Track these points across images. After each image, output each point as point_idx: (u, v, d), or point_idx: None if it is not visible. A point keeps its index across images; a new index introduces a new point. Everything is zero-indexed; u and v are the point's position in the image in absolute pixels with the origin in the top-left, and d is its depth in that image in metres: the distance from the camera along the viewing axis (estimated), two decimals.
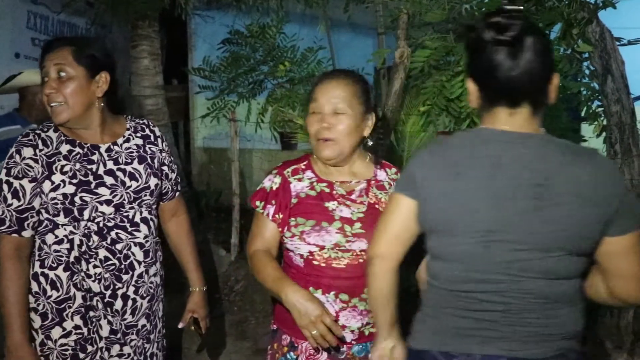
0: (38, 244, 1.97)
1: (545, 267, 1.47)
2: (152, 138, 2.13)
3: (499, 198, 1.46)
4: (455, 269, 1.53)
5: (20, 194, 1.91)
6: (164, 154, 2.14)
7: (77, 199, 1.91)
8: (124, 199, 1.99)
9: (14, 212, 1.91)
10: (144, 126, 2.14)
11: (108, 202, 1.96)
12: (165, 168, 2.15)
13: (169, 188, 2.20)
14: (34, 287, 1.98)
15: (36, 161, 1.91)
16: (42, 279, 1.97)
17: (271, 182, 1.99)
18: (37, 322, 1.98)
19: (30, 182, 1.90)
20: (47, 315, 1.97)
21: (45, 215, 1.94)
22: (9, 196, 1.90)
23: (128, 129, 2.09)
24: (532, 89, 1.48)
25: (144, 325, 2.09)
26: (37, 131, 1.98)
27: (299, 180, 1.97)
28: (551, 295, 1.49)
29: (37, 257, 1.98)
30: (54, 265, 1.96)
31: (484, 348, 1.51)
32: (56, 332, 1.97)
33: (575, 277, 1.53)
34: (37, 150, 1.92)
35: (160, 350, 2.20)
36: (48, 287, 1.96)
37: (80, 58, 1.92)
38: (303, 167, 2.00)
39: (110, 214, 1.96)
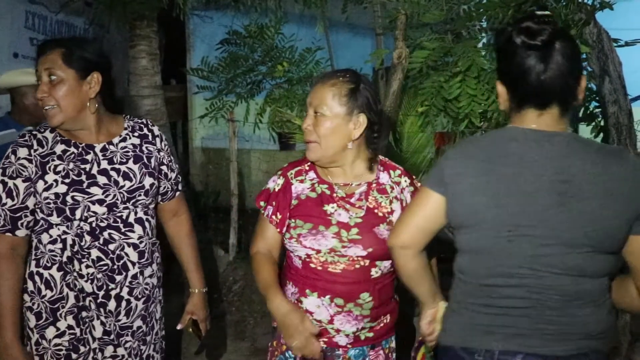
0: (35, 243, 1.98)
1: (569, 263, 1.50)
2: (150, 137, 2.11)
3: (524, 193, 1.50)
4: (481, 263, 1.58)
5: (14, 194, 1.92)
6: (162, 154, 2.13)
7: (68, 198, 1.91)
8: (117, 199, 1.97)
9: (8, 212, 1.92)
10: (142, 125, 2.12)
11: (100, 202, 1.95)
12: (164, 168, 2.14)
13: (168, 188, 2.18)
14: (30, 286, 1.98)
15: (30, 161, 1.92)
16: (37, 278, 1.97)
17: (275, 183, 2.00)
18: (32, 321, 1.99)
19: (24, 181, 1.92)
20: (42, 315, 1.98)
21: (41, 215, 1.95)
22: (3, 195, 1.92)
23: (126, 129, 2.08)
24: (562, 91, 1.52)
25: (139, 327, 2.08)
26: (34, 132, 1.99)
27: (301, 181, 1.97)
28: (574, 293, 1.51)
29: (33, 257, 1.99)
30: (49, 264, 1.97)
31: (503, 344, 1.54)
32: (50, 332, 1.98)
33: (601, 277, 1.55)
34: (32, 151, 1.93)
35: (158, 352, 2.19)
36: (42, 287, 1.97)
37: (69, 60, 1.91)
38: (307, 168, 2.00)
39: (104, 214, 1.95)
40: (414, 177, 2.04)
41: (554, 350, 1.52)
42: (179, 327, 2.25)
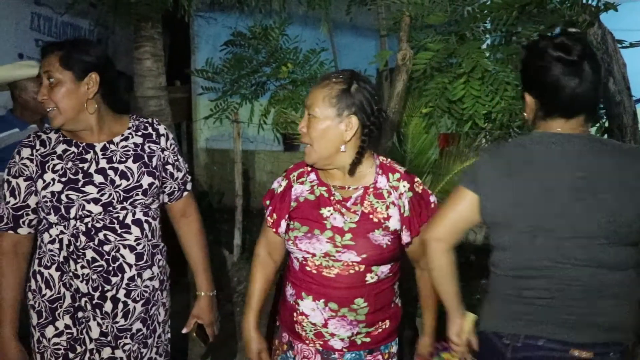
0: (39, 242, 2.01)
1: (588, 255, 1.62)
2: (153, 136, 2.10)
3: (545, 191, 1.64)
4: (509, 258, 1.72)
5: (16, 192, 1.96)
6: (167, 153, 2.11)
7: (63, 196, 1.92)
8: (113, 198, 1.97)
9: (11, 210, 1.97)
10: (147, 125, 2.11)
11: (96, 201, 1.95)
12: (169, 167, 2.12)
13: (175, 188, 2.16)
14: (32, 284, 2.02)
15: (32, 161, 1.96)
16: (38, 277, 2.00)
17: (279, 184, 2.01)
18: (34, 319, 2.01)
19: (25, 180, 1.96)
20: (42, 314, 2.00)
21: (42, 214, 1.98)
22: (7, 194, 1.97)
23: (129, 128, 2.08)
24: (591, 102, 1.68)
25: (139, 330, 2.06)
26: (39, 133, 2.02)
27: (301, 183, 1.96)
28: (595, 284, 1.63)
29: (37, 255, 2.02)
30: (49, 264, 1.99)
31: (527, 329, 1.68)
32: (49, 331, 2.00)
33: (625, 269, 1.64)
34: (34, 151, 1.97)
35: (162, 355, 2.16)
36: (43, 286, 2.00)
37: (67, 62, 1.92)
38: (309, 169, 1.98)
39: (100, 214, 1.95)
40: (416, 180, 1.96)
41: (573, 337, 1.64)
42: (184, 331, 2.21)
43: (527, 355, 1.68)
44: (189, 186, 2.23)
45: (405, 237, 1.88)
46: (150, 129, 2.10)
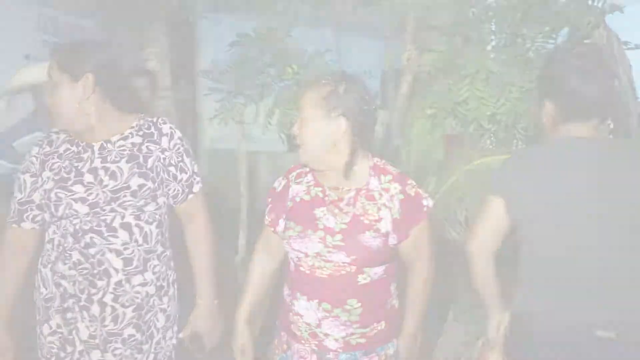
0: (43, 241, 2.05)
1: (611, 246, 1.74)
2: (155, 136, 2.02)
3: (565, 193, 1.76)
4: (536, 251, 1.84)
5: (22, 188, 2.00)
6: (168, 153, 2.02)
7: (52, 194, 1.93)
8: (100, 198, 1.92)
9: (17, 204, 2.00)
10: (150, 124, 2.04)
11: (83, 200, 1.92)
12: (172, 168, 2.03)
13: (178, 190, 2.07)
14: (35, 281, 2.04)
15: (36, 159, 2.00)
16: (39, 275, 2.03)
17: (279, 183, 2.02)
18: (37, 315, 2.04)
19: (31, 177, 2.00)
20: (40, 311, 2.03)
21: (44, 213, 2.01)
22: (16, 189, 2.01)
23: (132, 127, 2.02)
24: (606, 106, 1.82)
25: (132, 335, 2.01)
26: (51, 133, 2.05)
27: (299, 183, 1.97)
28: (619, 272, 1.74)
29: (41, 254, 2.05)
30: (47, 263, 2.01)
31: (555, 312, 1.78)
32: (45, 329, 2.02)
33: None
34: (40, 149, 2.01)
35: None
36: (41, 284, 2.02)
37: (64, 65, 1.91)
38: (306, 170, 1.98)
39: (87, 215, 1.92)
40: (408, 182, 1.92)
41: (598, 319, 1.73)
42: (180, 335, 2.15)
43: (554, 334, 1.78)
44: (195, 188, 2.13)
45: (392, 240, 1.87)
46: (152, 129, 2.04)
